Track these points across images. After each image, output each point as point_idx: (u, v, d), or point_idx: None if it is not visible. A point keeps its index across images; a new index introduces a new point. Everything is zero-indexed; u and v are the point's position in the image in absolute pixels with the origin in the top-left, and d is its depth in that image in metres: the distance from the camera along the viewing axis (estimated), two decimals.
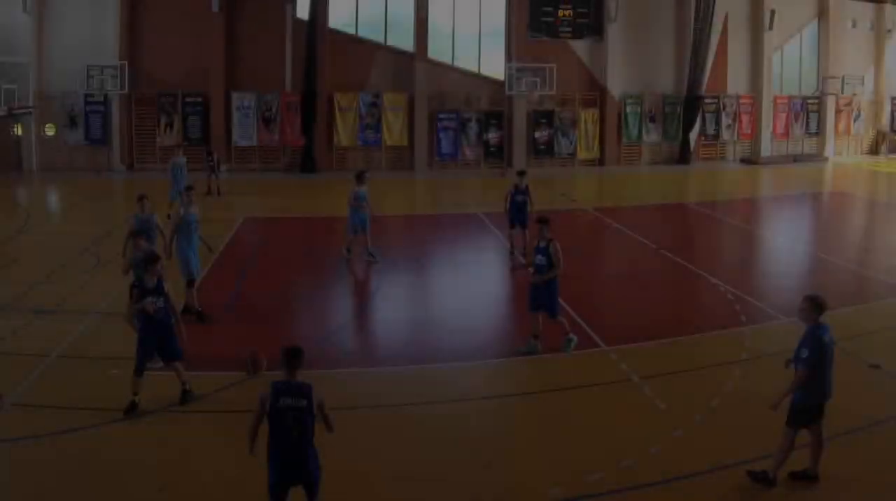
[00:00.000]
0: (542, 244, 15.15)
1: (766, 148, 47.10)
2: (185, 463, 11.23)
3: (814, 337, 10.00)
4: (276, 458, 8.89)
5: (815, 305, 10.18)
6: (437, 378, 14.67)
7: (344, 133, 42.91)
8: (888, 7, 49.56)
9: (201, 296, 17.78)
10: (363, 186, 22.76)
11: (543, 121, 43.83)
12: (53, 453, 11.49)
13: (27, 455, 11.47)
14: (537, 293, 15.29)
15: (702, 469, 10.93)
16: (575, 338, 15.48)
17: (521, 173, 24.10)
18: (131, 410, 12.52)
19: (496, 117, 43.80)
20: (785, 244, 26.64)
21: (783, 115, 47.91)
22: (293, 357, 8.95)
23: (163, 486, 10.55)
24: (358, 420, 12.45)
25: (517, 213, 23.31)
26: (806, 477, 10.46)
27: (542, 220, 15.53)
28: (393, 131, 43.07)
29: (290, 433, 8.79)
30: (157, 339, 12.86)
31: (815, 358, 9.92)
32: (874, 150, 51.62)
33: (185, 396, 13.04)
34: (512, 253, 23.79)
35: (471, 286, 21.60)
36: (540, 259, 15.11)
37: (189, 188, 18.33)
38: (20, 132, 42.06)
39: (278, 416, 8.78)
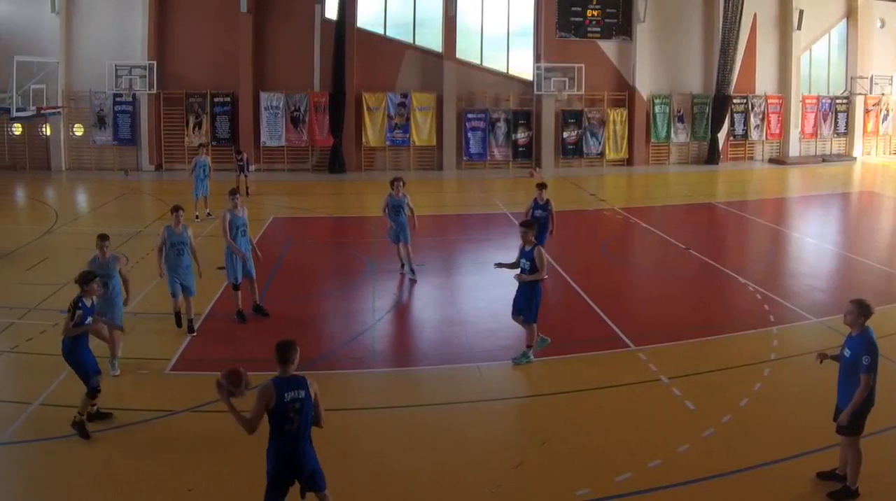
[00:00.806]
0: (528, 248, 15.03)
1: (795, 148, 46.86)
2: (211, 464, 11.24)
3: (871, 343, 9.94)
4: (277, 454, 9.02)
5: (863, 309, 10.11)
6: (465, 378, 14.64)
7: (372, 133, 42.83)
8: None
9: (231, 295, 17.83)
10: (398, 194, 21.21)
11: (572, 121, 43.71)
12: (83, 452, 11.53)
13: (57, 454, 11.49)
14: (518, 298, 15.21)
15: (731, 469, 10.91)
16: (532, 357, 15.25)
17: (542, 186, 21.39)
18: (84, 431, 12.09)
19: (524, 117, 43.70)
20: (813, 244, 26.44)
21: (811, 115, 47.60)
22: (287, 351, 9.13)
23: (191, 486, 10.57)
24: (387, 420, 12.58)
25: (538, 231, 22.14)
26: (834, 478, 10.44)
27: (526, 224, 15.54)
28: (421, 131, 42.98)
29: (291, 426, 8.93)
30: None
31: (875, 362, 9.86)
32: None
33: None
34: None
35: (499, 286, 21.47)
36: (524, 263, 15.04)
37: (234, 192, 18.18)
38: (49, 132, 42.10)
39: (282, 411, 8.89)
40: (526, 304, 15.04)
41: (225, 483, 10.79)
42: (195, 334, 16.47)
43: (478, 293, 21.08)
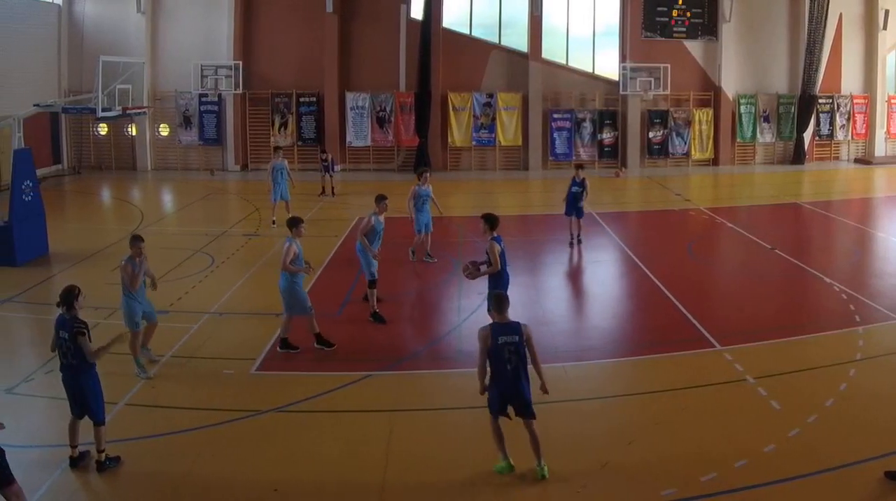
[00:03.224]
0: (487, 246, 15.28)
1: (881, 148, 46.26)
2: (296, 464, 11.19)
3: None
4: (497, 388, 10.71)
5: None
6: (551, 378, 14.24)
7: (458, 133, 42.77)
8: None
9: (318, 295, 17.89)
10: (425, 185, 23.18)
11: (658, 121, 43.43)
12: (167, 452, 11.51)
13: (141, 454, 11.45)
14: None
15: (817, 469, 10.79)
16: None
17: (580, 166, 26.24)
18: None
19: (610, 117, 43.47)
20: None
21: None
22: (501, 301, 10.88)
23: (276, 486, 10.52)
24: (472, 420, 12.41)
25: (573, 203, 24.94)
26: None
27: (484, 217, 15.61)
28: (507, 131, 42.82)
29: (507, 365, 10.56)
30: None
31: None
32: None
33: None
34: (571, 242, 25.17)
35: (583, 285, 21.73)
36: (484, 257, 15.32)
37: (381, 198, 18.13)
38: (134, 132, 42.22)
39: (498, 352, 10.54)
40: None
41: (310, 482, 10.77)
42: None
43: (563, 293, 21.26)
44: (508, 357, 10.56)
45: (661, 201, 34.14)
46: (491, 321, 10.86)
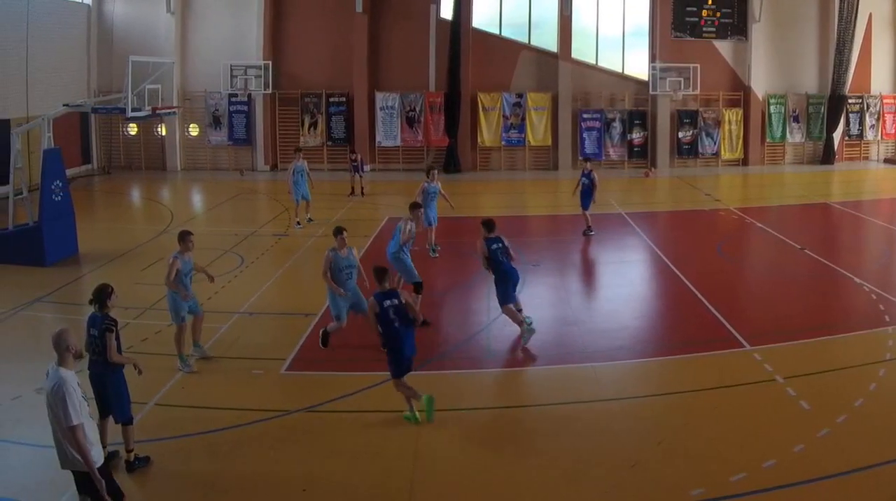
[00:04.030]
0: None
1: None
2: (325, 464, 11.23)
3: None
4: (403, 352, 12.49)
5: None
6: (580, 378, 14.59)
7: (488, 133, 42.77)
8: None
9: None
10: (433, 182, 23.70)
11: (687, 121, 43.33)
12: (196, 452, 11.57)
13: (170, 454, 11.51)
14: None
15: (846, 469, 10.77)
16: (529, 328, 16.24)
17: (588, 159, 28.71)
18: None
19: (640, 117, 43.38)
20: None
21: None
22: (380, 273, 12.69)
23: (305, 486, 10.58)
24: (500, 419, 12.65)
25: (583, 196, 26.56)
26: None
27: (483, 222, 17.15)
28: (537, 131, 42.82)
29: (395, 324, 12.30)
30: None
31: None
32: None
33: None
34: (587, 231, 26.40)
35: (613, 285, 21.60)
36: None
37: (416, 205, 18.58)
38: (164, 132, 42.41)
39: (384, 314, 12.31)
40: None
41: (338, 483, 10.81)
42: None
43: (592, 293, 21.35)
44: (393, 316, 12.27)
45: (691, 201, 34.08)
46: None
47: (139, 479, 10.87)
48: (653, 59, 43.05)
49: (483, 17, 42.84)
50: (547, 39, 43.09)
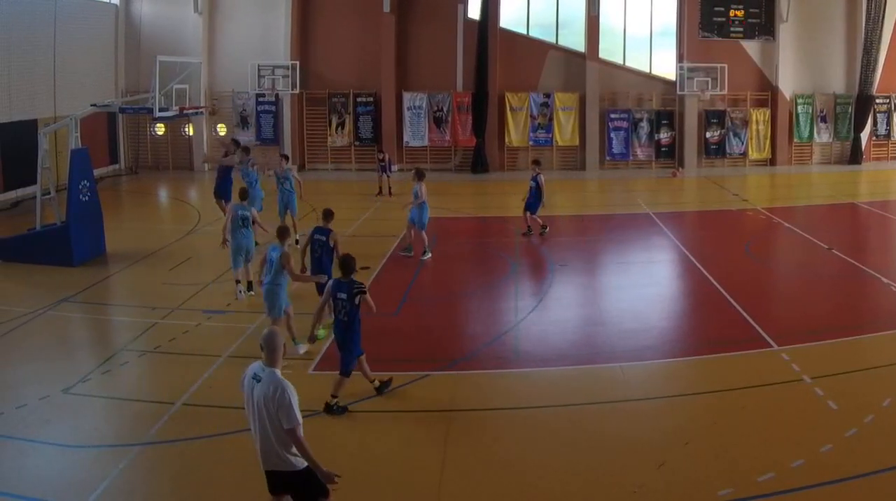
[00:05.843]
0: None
1: None
2: (354, 463, 11.25)
3: None
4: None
5: None
6: (607, 378, 14.65)
7: (515, 133, 42.80)
8: None
9: (376, 295, 17.66)
10: (420, 183, 23.64)
11: (715, 120, 43.19)
12: (225, 452, 11.66)
13: (199, 454, 11.64)
14: None
15: (874, 469, 10.79)
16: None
17: (536, 163, 27.42)
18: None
19: (667, 117, 43.28)
20: None
21: None
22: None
23: (332, 485, 10.39)
24: (528, 420, 12.72)
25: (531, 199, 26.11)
26: None
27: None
28: (564, 131, 42.78)
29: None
30: None
31: None
32: None
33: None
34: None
35: (640, 285, 21.57)
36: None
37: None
38: (191, 132, 42.66)
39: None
40: None
41: (366, 482, 10.82)
42: None
43: (619, 293, 21.23)
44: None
45: (719, 201, 34.05)
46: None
47: (167, 478, 11.02)
48: (680, 58, 42.92)
49: (510, 17, 42.86)
50: (574, 39, 43.01)
